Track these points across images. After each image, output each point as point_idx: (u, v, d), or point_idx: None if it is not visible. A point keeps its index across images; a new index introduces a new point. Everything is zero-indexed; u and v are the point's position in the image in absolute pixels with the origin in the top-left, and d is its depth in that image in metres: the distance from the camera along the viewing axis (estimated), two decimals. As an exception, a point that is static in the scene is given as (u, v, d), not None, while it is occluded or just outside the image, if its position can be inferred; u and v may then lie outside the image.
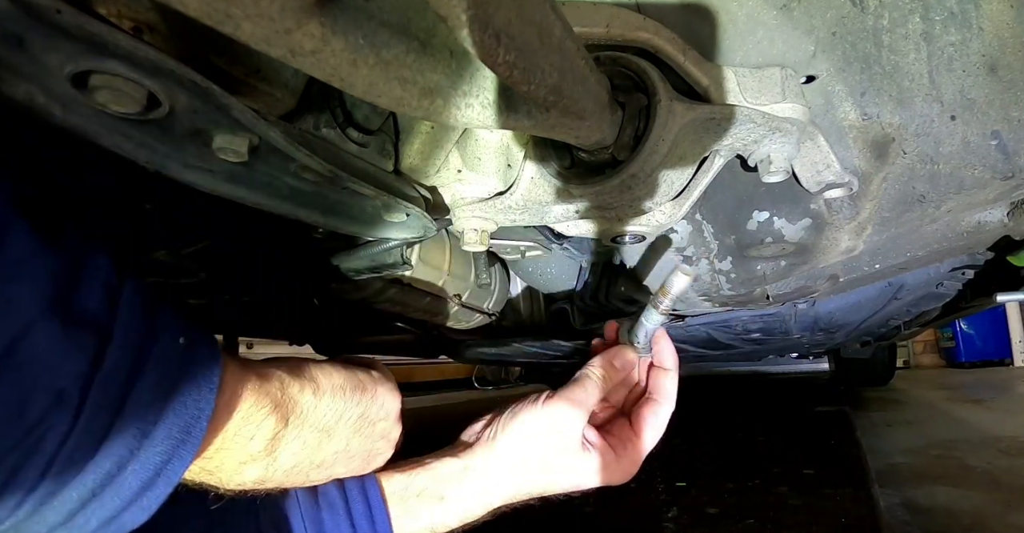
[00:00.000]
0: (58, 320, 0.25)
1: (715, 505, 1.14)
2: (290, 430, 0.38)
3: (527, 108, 0.37)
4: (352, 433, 0.43)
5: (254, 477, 0.37)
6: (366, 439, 0.44)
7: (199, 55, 0.36)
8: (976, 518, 1.07)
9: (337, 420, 0.41)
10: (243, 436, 0.34)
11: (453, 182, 0.58)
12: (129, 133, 0.34)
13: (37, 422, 0.24)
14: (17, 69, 0.29)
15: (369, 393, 0.44)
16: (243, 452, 0.35)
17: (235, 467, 0.35)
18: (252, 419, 0.35)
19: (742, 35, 0.49)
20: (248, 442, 0.35)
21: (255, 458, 0.36)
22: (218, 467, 0.35)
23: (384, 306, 0.94)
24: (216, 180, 0.41)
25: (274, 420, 0.36)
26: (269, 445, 0.36)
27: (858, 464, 1.44)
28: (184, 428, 0.29)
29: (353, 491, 0.45)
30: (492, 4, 0.23)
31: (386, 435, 0.46)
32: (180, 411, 0.29)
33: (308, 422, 0.39)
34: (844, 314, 1.20)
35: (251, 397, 0.34)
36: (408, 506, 0.46)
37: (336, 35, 0.26)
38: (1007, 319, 5.08)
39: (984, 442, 1.75)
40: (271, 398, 0.36)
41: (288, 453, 0.38)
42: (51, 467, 0.25)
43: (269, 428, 0.36)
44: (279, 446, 0.37)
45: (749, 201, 0.66)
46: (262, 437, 0.35)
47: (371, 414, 0.44)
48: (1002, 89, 0.50)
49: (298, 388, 0.39)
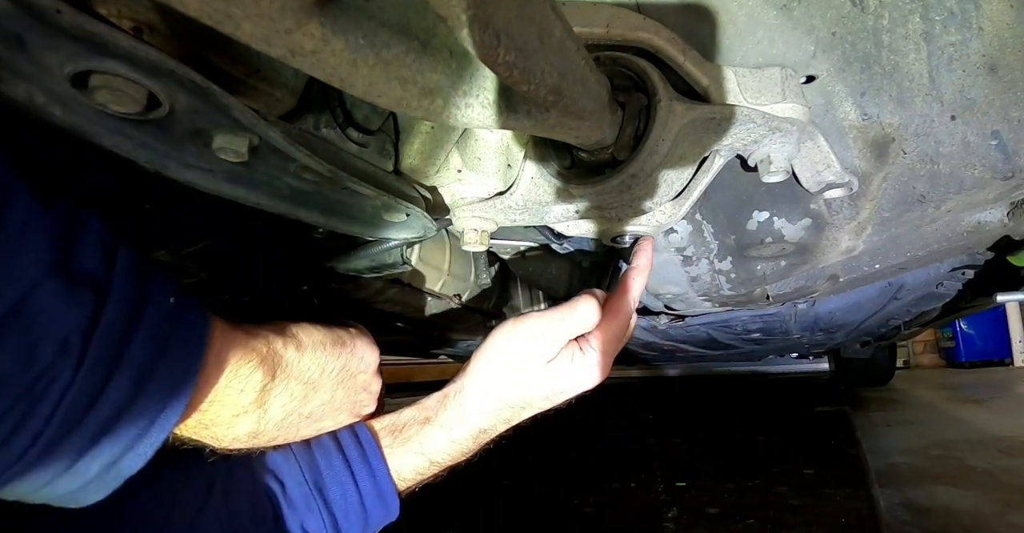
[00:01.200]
0: (60, 278, 0.27)
1: (715, 505, 1.14)
2: (277, 383, 0.40)
3: (527, 108, 0.37)
4: (336, 385, 0.46)
5: (247, 430, 0.39)
6: (349, 391, 0.47)
7: (199, 55, 0.36)
8: (976, 518, 1.07)
9: (320, 373, 0.44)
10: (234, 388, 0.37)
11: (453, 182, 0.58)
12: (129, 133, 0.34)
13: (43, 371, 0.26)
14: (17, 69, 0.29)
15: (348, 347, 0.47)
16: (235, 404, 0.37)
17: (229, 420, 0.38)
18: (241, 372, 0.37)
19: (742, 35, 0.49)
20: (239, 394, 0.37)
21: (247, 410, 0.38)
22: (213, 421, 0.37)
23: (384, 306, 0.94)
24: (216, 180, 0.41)
25: (261, 373, 0.39)
26: (259, 397, 0.39)
27: (858, 464, 1.44)
28: (176, 379, 0.31)
29: (344, 434, 0.47)
30: (492, 4, 0.23)
31: (367, 387, 0.50)
32: (173, 363, 0.31)
33: (294, 375, 0.42)
34: (844, 314, 1.20)
35: (239, 352, 0.37)
36: (397, 436, 0.49)
37: (336, 35, 0.26)
38: (1007, 319, 5.08)
39: (984, 442, 1.75)
40: (258, 353, 0.39)
41: (277, 405, 0.41)
42: (55, 413, 0.26)
43: (257, 380, 0.38)
44: (268, 398, 0.40)
45: (749, 201, 0.66)
46: (251, 389, 0.38)
47: (352, 366, 0.47)
48: (1002, 89, 0.50)
49: (282, 344, 0.41)
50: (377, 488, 0.46)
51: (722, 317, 1.13)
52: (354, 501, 0.45)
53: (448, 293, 1.03)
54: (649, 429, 2.20)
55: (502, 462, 0.51)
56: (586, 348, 0.53)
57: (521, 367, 0.50)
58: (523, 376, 0.51)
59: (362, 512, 0.46)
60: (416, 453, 0.49)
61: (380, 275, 0.82)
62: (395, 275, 0.88)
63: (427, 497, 0.54)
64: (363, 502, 0.46)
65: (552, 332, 0.51)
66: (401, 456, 0.48)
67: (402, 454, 0.48)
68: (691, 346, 1.46)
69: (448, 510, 0.46)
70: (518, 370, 0.50)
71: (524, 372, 0.50)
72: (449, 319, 1.16)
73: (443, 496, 0.52)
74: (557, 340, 0.51)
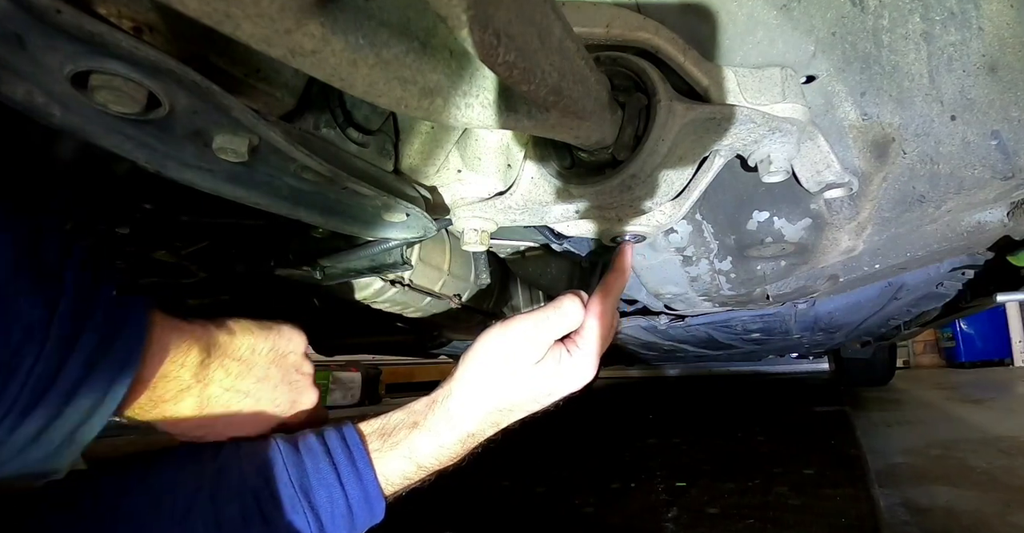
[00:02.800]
0: (26, 274, 0.32)
1: (715, 505, 1.14)
2: (213, 359, 0.45)
3: (527, 108, 0.37)
4: (268, 363, 0.50)
5: (192, 404, 0.44)
6: (282, 370, 0.51)
7: (199, 55, 0.36)
8: (976, 518, 1.07)
9: (251, 351, 0.48)
10: (175, 363, 0.42)
11: (453, 182, 0.58)
12: (129, 133, 0.34)
13: (16, 349, 0.31)
14: (17, 69, 0.29)
15: (275, 330, 0.51)
16: (178, 379, 0.42)
17: (175, 395, 0.43)
18: (180, 349, 0.42)
19: (742, 35, 0.49)
20: (180, 369, 0.42)
21: (189, 385, 0.43)
22: (161, 396, 0.42)
23: (384, 306, 0.94)
24: (216, 180, 0.41)
25: (197, 350, 0.43)
26: (198, 373, 0.44)
27: (858, 464, 1.44)
28: (124, 356, 0.37)
29: (331, 435, 0.49)
30: (492, 4, 0.23)
31: (299, 367, 0.53)
32: (121, 343, 0.37)
33: (227, 353, 0.46)
34: (844, 314, 1.20)
35: (177, 334, 0.42)
36: (385, 441, 0.50)
37: (336, 35, 0.26)
38: (1007, 319, 5.08)
39: (984, 442, 1.75)
40: (193, 335, 0.44)
41: (216, 381, 0.45)
42: (26, 386, 0.32)
43: (195, 356, 0.43)
44: (207, 374, 0.45)
45: (749, 201, 0.66)
46: (191, 364, 0.43)
47: (280, 347, 0.51)
48: (1002, 89, 0.50)
49: (214, 327, 0.47)
50: (364, 491, 0.47)
51: (722, 317, 1.13)
52: (340, 504, 0.46)
53: (448, 293, 1.03)
54: (649, 429, 2.20)
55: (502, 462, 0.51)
56: (573, 348, 0.53)
57: (509, 369, 0.51)
58: (511, 378, 0.51)
59: (348, 515, 0.47)
60: (404, 458, 0.49)
61: (380, 275, 0.82)
62: (395, 275, 0.88)
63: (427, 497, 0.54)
64: (349, 505, 0.47)
65: (538, 332, 0.52)
66: (389, 460, 0.49)
67: (390, 458, 0.49)
68: (691, 346, 1.46)
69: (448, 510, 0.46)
70: (506, 373, 0.51)
71: (512, 374, 0.51)
72: (449, 319, 1.16)
73: (443, 496, 0.52)
74: (543, 340, 0.52)
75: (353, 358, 3.53)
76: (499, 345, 0.52)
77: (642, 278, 0.87)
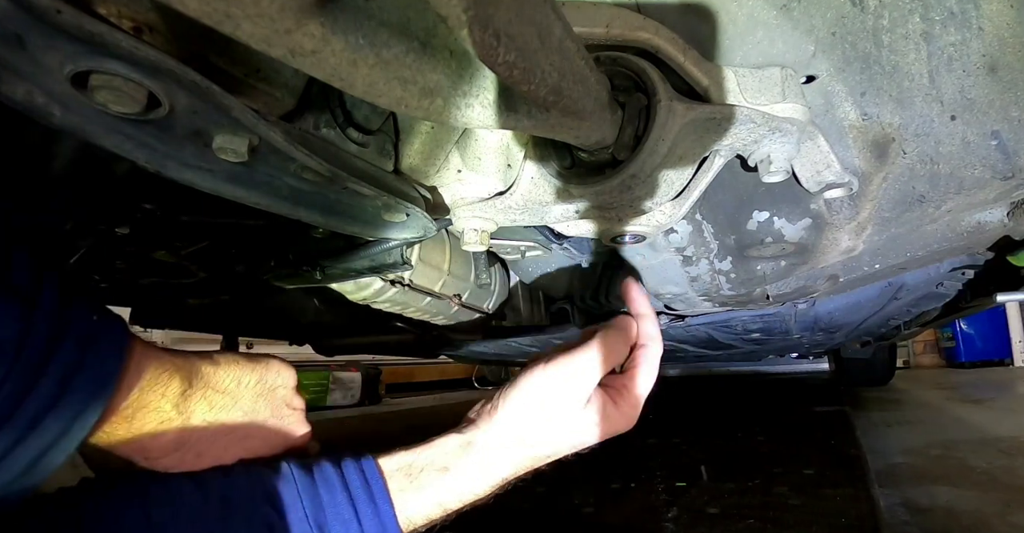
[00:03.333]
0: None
1: (715, 505, 1.14)
2: (196, 390, 0.42)
3: (527, 108, 0.37)
4: (256, 397, 0.47)
5: (173, 438, 0.41)
6: (270, 404, 0.48)
7: (199, 55, 0.36)
8: (976, 518, 1.07)
9: (237, 384, 0.46)
10: (155, 393, 0.39)
11: (453, 182, 0.58)
12: (129, 133, 0.34)
13: None
14: (17, 69, 0.29)
15: (262, 363, 0.48)
16: (158, 410, 0.40)
17: (155, 428, 0.40)
18: (160, 379, 0.40)
19: (742, 35, 0.49)
20: (160, 399, 0.40)
21: (170, 417, 0.41)
22: (140, 428, 0.39)
23: (384, 306, 0.94)
24: (216, 180, 0.41)
25: (179, 380, 0.41)
26: (180, 404, 0.41)
27: (858, 464, 1.44)
28: (98, 381, 0.35)
29: (349, 467, 0.46)
30: (492, 4, 0.23)
31: (289, 402, 0.50)
32: (95, 367, 0.35)
33: (211, 384, 0.44)
34: (844, 314, 1.20)
35: (156, 363, 0.40)
36: (412, 481, 0.47)
37: (336, 35, 0.26)
38: (1007, 319, 5.08)
39: (984, 442, 1.75)
40: (175, 364, 0.41)
41: (199, 414, 0.43)
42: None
43: (176, 386, 0.41)
44: (189, 406, 0.42)
45: (749, 201, 0.66)
46: (172, 394, 0.41)
47: (268, 380, 0.48)
48: (1002, 89, 0.50)
49: (197, 358, 0.44)
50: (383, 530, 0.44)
51: (722, 317, 1.13)
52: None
53: (448, 293, 1.03)
54: (649, 429, 2.20)
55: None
56: (620, 398, 0.52)
57: (553, 414, 0.49)
58: (554, 424, 0.49)
59: None
60: (431, 502, 0.47)
61: (380, 275, 0.82)
62: (395, 275, 0.88)
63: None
64: None
65: (586, 374, 0.50)
66: (415, 503, 0.46)
67: (416, 500, 0.46)
68: (691, 346, 1.46)
69: (448, 510, 0.47)
70: (549, 417, 0.49)
71: (555, 419, 0.49)
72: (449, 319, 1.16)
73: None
74: (590, 382, 0.50)
75: (353, 358, 3.53)
76: (544, 386, 0.49)
77: (642, 278, 0.87)
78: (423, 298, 0.97)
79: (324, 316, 1.31)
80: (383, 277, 0.86)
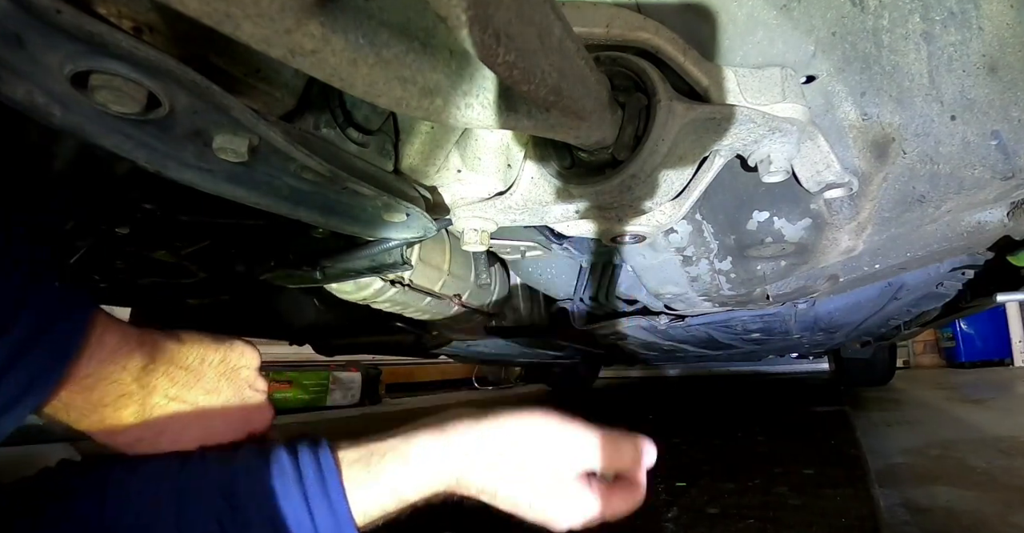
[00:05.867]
0: None
1: (715, 505, 1.14)
2: (158, 365, 0.42)
3: (527, 108, 0.37)
4: (218, 376, 0.47)
5: (133, 411, 0.41)
6: (233, 385, 0.48)
7: (199, 55, 0.36)
8: (976, 518, 1.07)
9: (200, 361, 0.45)
10: (116, 365, 0.40)
11: (453, 182, 0.58)
12: (129, 133, 0.34)
13: None
14: (17, 69, 0.29)
15: (227, 342, 0.48)
16: (119, 382, 0.40)
17: (115, 400, 0.40)
18: (122, 351, 0.40)
19: (742, 35, 0.49)
20: (122, 371, 0.40)
21: (131, 392, 0.41)
22: (100, 399, 0.39)
23: (384, 306, 0.94)
24: (216, 180, 0.41)
25: (141, 354, 0.41)
26: (141, 377, 0.41)
27: (858, 464, 1.44)
28: (58, 346, 0.36)
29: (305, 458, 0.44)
30: (492, 4, 0.23)
31: (252, 384, 0.49)
32: (56, 333, 0.36)
33: (174, 361, 0.44)
34: (844, 314, 1.20)
35: (119, 335, 0.40)
36: (370, 470, 0.45)
37: (336, 35, 0.26)
38: (1007, 319, 5.07)
39: (984, 442, 1.75)
40: (137, 339, 0.42)
41: (160, 389, 0.42)
42: None
43: (138, 360, 0.41)
44: (150, 380, 0.42)
45: (749, 201, 0.66)
46: (133, 367, 0.41)
47: (232, 360, 0.48)
48: (1002, 89, 0.50)
49: (161, 335, 0.44)
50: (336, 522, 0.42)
51: (722, 317, 1.13)
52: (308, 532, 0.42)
53: (448, 293, 1.03)
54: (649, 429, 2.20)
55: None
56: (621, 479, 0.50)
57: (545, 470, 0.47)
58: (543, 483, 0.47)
59: None
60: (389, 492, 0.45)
61: (380, 275, 0.82)
62: (395, 275, 0.88)
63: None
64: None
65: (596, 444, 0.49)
66: (372, 494, 0.44)
67: (373, 491, 0.45)
68: (691, 346, 1.46)
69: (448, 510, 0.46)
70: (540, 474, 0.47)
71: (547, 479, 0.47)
72: (449, 319, 1.16)
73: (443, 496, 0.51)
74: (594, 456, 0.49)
75: (353, 358, 3.53)
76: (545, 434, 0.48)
77: (642, 278, 0.87)
78: (423, 298, 0.97)
79: (324, 316, 1.31)
80: (383, 277, 0.86)
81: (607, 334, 1.24)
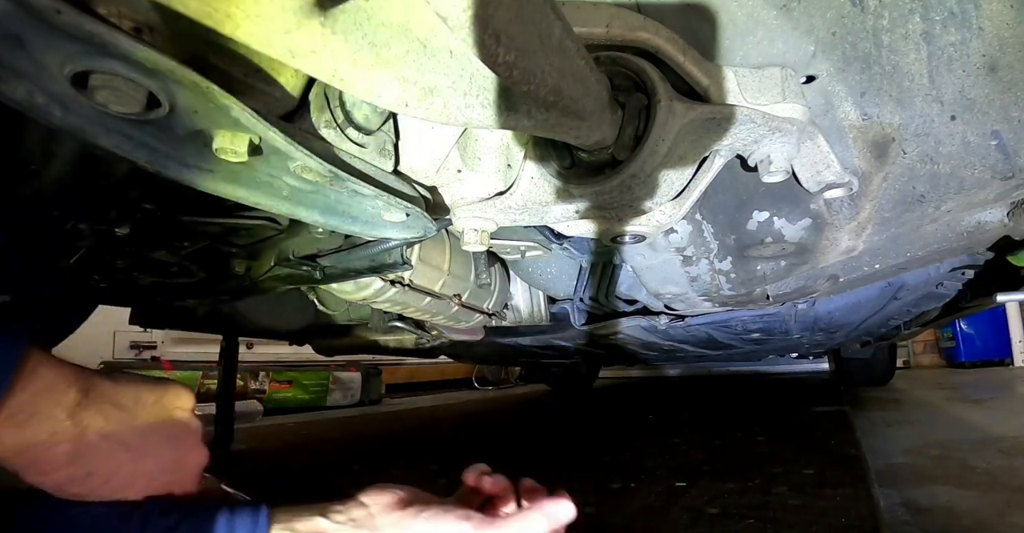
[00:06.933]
0: None
1: (715, 505, 1.14)
2: (92, 403, 0.42)
3: (527, 108, 0.37)
4: (153, 417, 0.47)
5: (66, 451, 0.41)
6: (167, 425, 0.48)
7: (199, 55, 0.36)
8: (976, 518, 1.07)
9: (135, 402, 0.46)
10: (50, 400, 0.39)
11: (453, 182, 0.58)
12: (129, 133, 0.34)
13: None
14: (17, 69, 0.29)
15: (161, 385, 0.49)
16: (51, 419, 0.40)
17: (48, 439, 0.40)
18: (56, 387, 0.40)
19: (742, 35, 0.49)
20: (55, 407, 0.40)
21: (64, 428, 0.40)
22: (33, 437, 0.39)
23: (384, 306, 0.95)
24: (216, 180, 0.41)
25: (74, 391, 0.41)
26: (75, 414, 0.41)
27: (858, 464, 1.43)
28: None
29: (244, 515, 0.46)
30: (492, 4, 0.23)
31: (188, 425, 0.50)
32: None
33: (108, 399, 0.44)
34: (844, 314, 1.20)
35: (54, 371, 0.40)
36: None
37: (336, 35, 0.26)
38: (1007, 319, 5.08)
39: (984, 442, 1.75)
40: (73, 374, 0.41)
41: (94, 428, 0.42)
42: None
43: (73, 396, 0.41)
44: (84, 418, 0.42)
45: (749, 201, 0.66)
46: (67, 403, 0.40)
47: (167, 401, 0.48)
48: (1002, 89, 0.50)
49: (95, 373, 0.44)
50: None
51: (722, 317, 1.13)
52: None
53: (448, 293, 1.03)
54: (649, 429, 2.20)
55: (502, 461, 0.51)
56: None
57: None
58: None
59: None
60: None
61: (380, 275, 0.82)
62: (395, 275, 0.88)
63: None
64: None
65: None
66: None
67: None
68: (691, 346, 1.46)
69: (448, 510, 0.46)
70: None
71: None
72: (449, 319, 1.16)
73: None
74: None
75: (353, 358, 3.53)
76: None
77: (642, 278, 0.87)
78: (423, 298, 0.97)
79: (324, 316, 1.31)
80: (383, 277, 0.86)
81: (607, 334, 1.24)
